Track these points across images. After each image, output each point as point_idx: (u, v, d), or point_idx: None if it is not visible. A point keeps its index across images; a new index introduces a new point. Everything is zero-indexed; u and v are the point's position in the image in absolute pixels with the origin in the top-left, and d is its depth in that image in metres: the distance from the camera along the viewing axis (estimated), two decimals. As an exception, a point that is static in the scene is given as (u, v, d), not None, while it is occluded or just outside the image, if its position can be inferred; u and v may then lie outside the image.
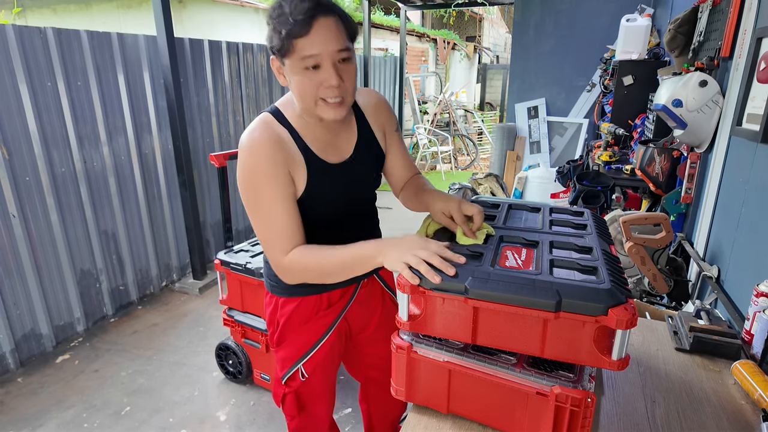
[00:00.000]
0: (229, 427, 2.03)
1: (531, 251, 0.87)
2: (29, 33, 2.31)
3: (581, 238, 0.91)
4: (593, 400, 0.73)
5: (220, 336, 2.62)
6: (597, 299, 0.69)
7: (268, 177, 0.97)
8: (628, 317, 0.67)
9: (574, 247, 0.88)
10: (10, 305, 2.35)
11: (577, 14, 4.57)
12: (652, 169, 2.15)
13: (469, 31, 14.28)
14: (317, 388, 1.28)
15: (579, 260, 0.81)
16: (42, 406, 2.14)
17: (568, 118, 4.88)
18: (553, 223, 1.01)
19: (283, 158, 0.99)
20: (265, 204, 0.99)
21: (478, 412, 0.86)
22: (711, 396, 0.96)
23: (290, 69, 0.95)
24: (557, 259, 0.82)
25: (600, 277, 0.75)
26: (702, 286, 1.65)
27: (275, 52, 0.95)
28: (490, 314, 0.76)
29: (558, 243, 0.89)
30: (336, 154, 1.08)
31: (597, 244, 0.87)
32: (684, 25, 2.10)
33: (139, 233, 3.06)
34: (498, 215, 1.05)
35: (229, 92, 3.63)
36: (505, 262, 0.82)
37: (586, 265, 0.79)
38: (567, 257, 0.83)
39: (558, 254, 0.85)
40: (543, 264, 0.80)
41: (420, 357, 0.86)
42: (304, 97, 0.97)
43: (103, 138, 2.74)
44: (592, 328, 0.70)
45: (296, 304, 1.17)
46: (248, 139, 0.99)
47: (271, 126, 1.02)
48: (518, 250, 0.88)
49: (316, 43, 0.90)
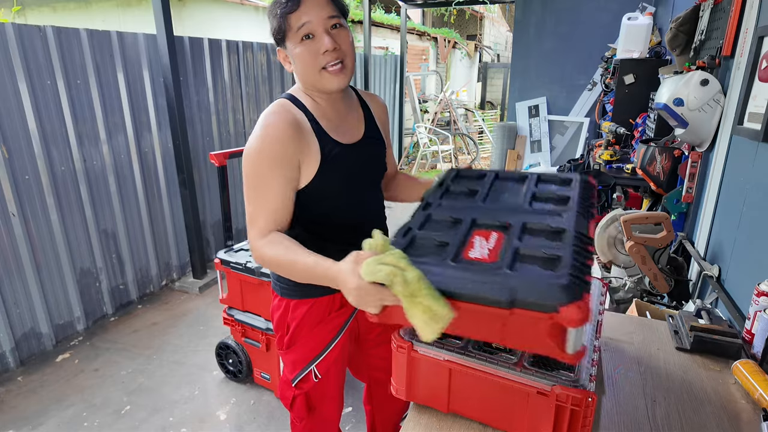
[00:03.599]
0: (229, 426, 2.03)
1: (501, 237, 0.83)
2: (29, 31, 2.31)
3: (558, 216, 0.86)
4: (594, 400, 0.73)
5: (220, 335, 2.62)
6: (551, 297, 0.67)
7: (272, 158, 0.99)
8: (580, 316, 0.65)
9: (546, 229, 0.83)
10: (10, 304, 2.35)
11: (578, 13, 4.56)
12: (653, 168, 2.14)
13: (469, 30, 14.27)
14: (329, 389, 1.29)
15: (545, 248, 0.77)
16: (42, 405, 2.14)
17: (569, 117, 4.87)
18: (535, 197, 0.96)
19: (295, 143, 1.01)
20: (263, 182, 1.00)
21: (478, 411, 0.86)
22: (711, 395, 0.96)
23: (291, 48, 1.01)
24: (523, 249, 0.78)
25: (559, 270, 0.71)
26: (703, 286, 1.65)
27: (278, 38, 1.01)
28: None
29: (531, 225, 0.85)
30: (348, 134, 1.11)
31: (572, 224, 0.83)
32: (685, 24, 2.09)
33: (139, 232, 3.06)
34: (480, 190, 1.00)
35: (229, 91, 3.62)
36: (469, 252, 0.79)
37: (550, 256, 0.75)
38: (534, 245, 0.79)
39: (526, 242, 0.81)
40: (506, 255, 0.76)
41: (420, 356, 0.86)
42: (307, 70, 1.01)
43: (103, 137, 2.73)
44: (546, 324, 0.69)
45: (309, 306, 1.17)
46: (264, 119, 1.02)
47: (289, 109, 1.04)
48: (488, 234, 0.84)
49: (306, 12, 0.97)
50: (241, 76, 3.73)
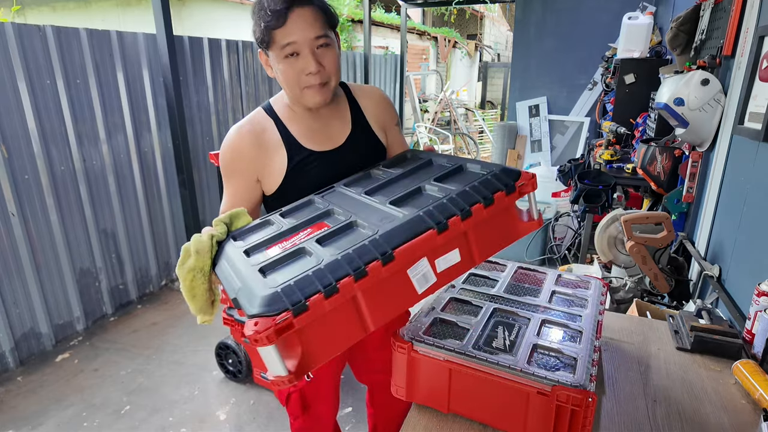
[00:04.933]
0: (229, 426, 2.03)
1: (320, 226, 0.86)
2: (28, 31, 2.30)
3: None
4: (594, 400, 0.73)
5: (220, 335, 2.62)
6: (249, 302, 0.69)
7: (227, 168, 1.10)
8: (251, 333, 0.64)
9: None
10: (10, 304, 2.35)
11: (578, 12, 4.55)
12: (654, 167, 2.14)
13: (470, 29, 14.26)
14: (322, 388, 1.29)
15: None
16: (41, 405, 2.14)
17: (570, 117, 4.87)
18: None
19: (249, 158, 1.08)
20: (228, 185, 1.12)
21: (478, 411, 0.86)
22: (712, 395, 0.96)
23: (274, 59, 1.01)
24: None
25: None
26: (703, 286, 1.65)
27: (260, 45, 1.01)
28: None
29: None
30: (325, 141, 1.12)
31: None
32: (686, 24, 2.09)
33: (139, 232, 3.06)
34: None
35: (229, 91, 3.62)
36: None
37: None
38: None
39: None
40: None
41: (420, 356, 0.86)
42: (289, 85, 1.03)
43: (103, 137, 2.73)
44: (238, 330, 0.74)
45: None
46: (234, 130, 1.09)
47: (257, 118, 1.10)
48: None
49: (293, 31, 0.95)
50: (241, 75, 3.72)
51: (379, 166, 1.09)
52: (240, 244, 0.88)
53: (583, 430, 0.75)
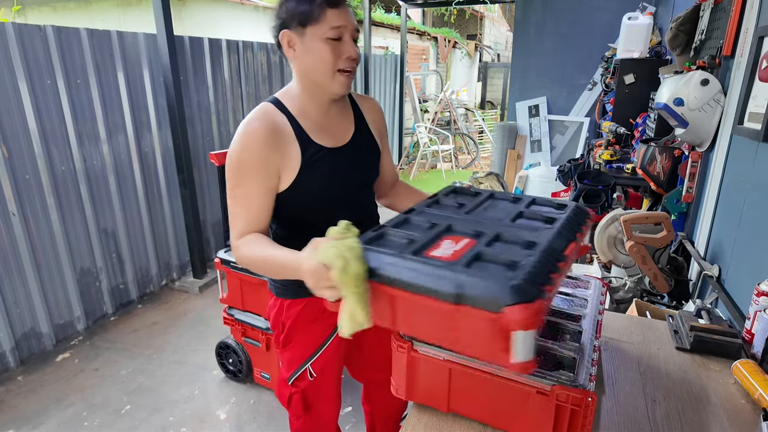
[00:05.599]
0: (229, 425, 2.03)
1: (471, 243, 0.81)
2: (29, 31, 2.31)
3: (534, 231, 0.85)
4: (594, 400, 0.73)
5: (220, 335, 2.62)
6: (497, 295, 0.64)
7: (252, 166, 1.02)
8: (523, 318, 0.61)
9: (519, 241, 0.81)
10: (11, 304, 2.35)
11: (578, 12, 4.55)
12: (653, 168, 2.14)
13: (470, 30, 14.26)
14: (324, 387, 1.29)
15: (509, 254, 0.75)
16: (42, 405, 2.14)
17: (569, 117, 4.87)
18: (522, 215, 0.95)
19: (273, 150, 1.03)
20: (243, 188, 1.04)
21: (478, 410, 0.86)
22: (711, 395, 0.96)
23: (311, 38, 1.00)
24: (486, 253, 0.76)
25: (516, 273, 0.68)
26: (703, 286, 1.65)
27: (295, 21, 1.00)
28: (404, 302, 0.74)
29: (505, 236, 0.83)
30: (334, 138, 1.12)
31: (546, 240, 0.80)
32: (686, 24, 2.09)
33: (139, 232, 3.06)
34: (468, 204, 0.99)
35: (229, 90, 3.62)
36: (432, 251, 0.78)
37: (511, 260, 0.73)
38: (500, 251, 0.77)
39: (494, 249, 0.79)
40: (467, 257, 0.74)
41: (420, 356, 0.86)
42: (324, 67, 1.02)
43: (103, 136, 2.73)
44: (489, 325, 0.65)
45: (303, 306, 1.19)
46: (244, 126, 1.04)
47: (270, 114, 1.06)
48: (458, 239, 0.83)
49: (345, 16, 1.00)
50: (242, 75, 3.73)
51: (444, 195, 1.08)
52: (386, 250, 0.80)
53: (582, 430, 0.75)
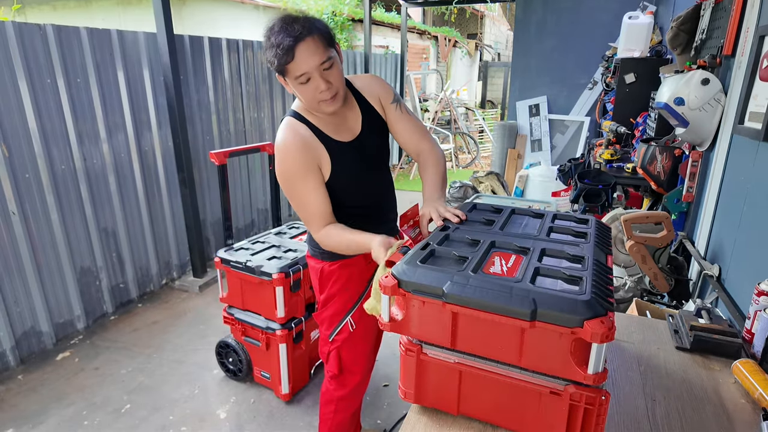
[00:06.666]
0: (229, 425, 2.03)
1: (520, 258, 0.87)
2: (29, 30, 2.31)
3: (576, 246, 0.90)
4: (607, 398, 0.73)
5: (220, 334, 2.62)
6: (574, 310, 0.68)
7: (299, 175, 1.23)
8: (603, 331, 0.65)
9: (565, 255, 0.87)
10: (11, 302, 2.35)
11: (579, 12, 4.55)
12: (654, 167, 2.14)
13: (470, 29, 14.25)
14: (359, 345, 1.47)
15: (566, 269, 0.80)
16: (42, 404, 2.14)
17: (570, 116, 4.87)
18: (552, 230, 1.01)
19: (310, 155, 1.23)
20: (299, 196, 1.25)
21: (489, 412, 0.85)
22: (711, 395, 0.96)
23: (291, 84, 1.19)
24: (543, 268, 0.81)
25: (582, 287, 0.73)
26: (703, 285, 1.65)
27: (275, 70, 1.18)
28: (468, 320, 0.76)
29: (550, 251, 0.89)
30: (348, 133, 1.31)
31: (590, 254, 0.85)
32: (686, 23, 2.08)
33: (139, 231, 3.06)
34: (497, 219, 1.06)
35: (229, 89, 3.62)
36: (489, 269, 0.83)
37: (571, 275, 0.78)
38: (555, 266, 0.82)
39: (547, 263, 0.84)
40: (527, 272, 0.79)
41: (430, 359, 0.85)
42: (308, 102, 1.22)
43: (103, 135, 2.73)
44: (568, 340, 0.69)
45: (340, 265, 1.40)
46: (281, 144, 1.24)
47: (295, 128, 1.25)
48: (507, 256, 0.88)
49: (302, 64, 1.12)
50: (242, 74, 3.72)
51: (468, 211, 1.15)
52: (446, 269, 0.83)
53: (596, 429, 0.75)
